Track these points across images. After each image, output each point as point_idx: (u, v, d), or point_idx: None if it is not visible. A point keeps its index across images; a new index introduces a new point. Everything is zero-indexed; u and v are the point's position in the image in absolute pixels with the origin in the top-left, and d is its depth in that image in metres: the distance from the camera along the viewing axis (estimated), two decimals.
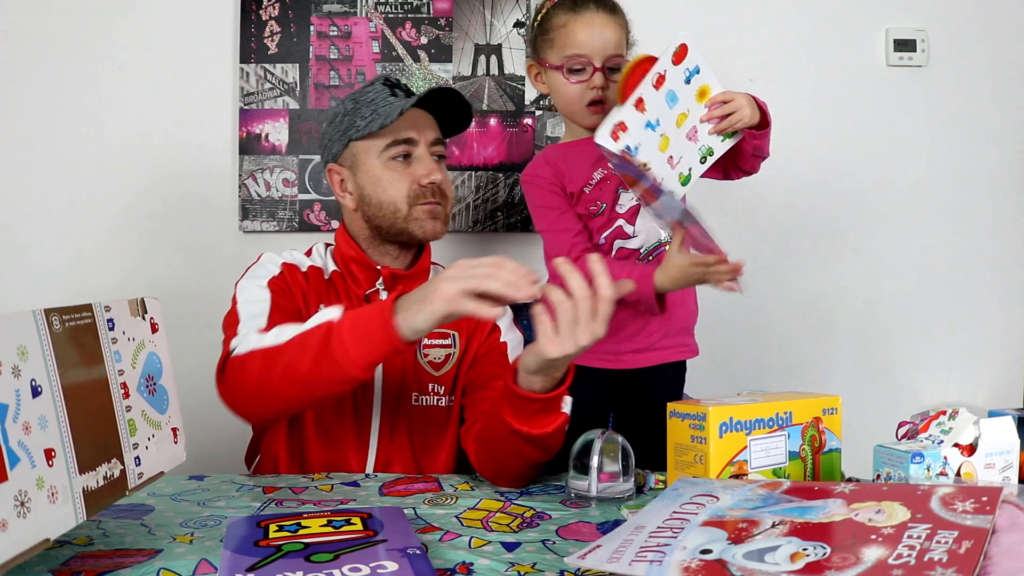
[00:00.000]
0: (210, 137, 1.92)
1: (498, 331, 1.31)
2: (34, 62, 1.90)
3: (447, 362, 1.29)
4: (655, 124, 1.25)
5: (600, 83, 1.35)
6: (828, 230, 2.03)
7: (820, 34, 2.02)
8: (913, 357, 2.06)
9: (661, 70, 1.24)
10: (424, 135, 1.29)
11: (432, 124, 1.31)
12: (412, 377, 1.28)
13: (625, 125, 1.23)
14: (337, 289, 1.30)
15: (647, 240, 1.41)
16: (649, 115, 1.25)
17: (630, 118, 1.24)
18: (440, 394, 1.28)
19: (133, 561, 0.78)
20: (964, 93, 2.04)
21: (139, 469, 0.81)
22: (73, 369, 0.72)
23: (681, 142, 1.29)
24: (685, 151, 1.29)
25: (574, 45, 1.34)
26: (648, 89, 1.24)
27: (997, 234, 2.07)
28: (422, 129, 1.29)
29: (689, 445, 0.97)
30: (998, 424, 0.90)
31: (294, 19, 1.92)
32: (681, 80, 1.26)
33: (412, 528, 0.83)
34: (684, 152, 1.30)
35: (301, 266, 1.29)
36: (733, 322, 2.00)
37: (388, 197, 1.28)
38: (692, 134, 1.29)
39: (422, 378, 1.28)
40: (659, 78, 1.24)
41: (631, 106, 1.24)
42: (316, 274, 1.30)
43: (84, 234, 1.91)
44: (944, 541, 0.64)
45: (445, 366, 1.29)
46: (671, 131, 1.28)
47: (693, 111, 1.28)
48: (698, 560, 0.67)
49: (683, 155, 1.30)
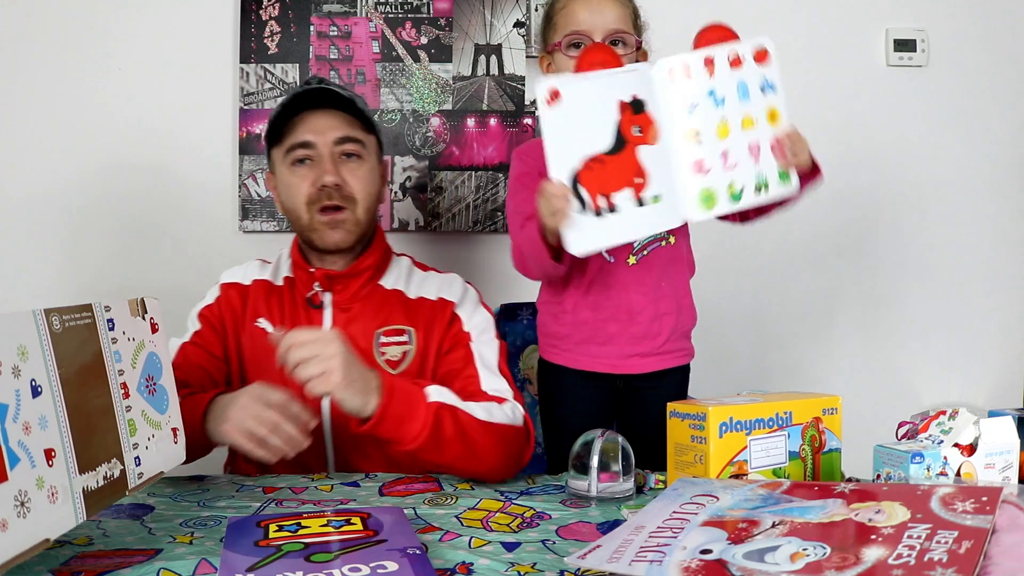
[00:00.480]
0: (210, 137, 1.92)
1: (459, 320, 1.29)
2: (34, 62, 1.90)
3: (404, 359, 1.27)
4: (720, 101, 1.14)
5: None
6: (828, 230, 2.03)
7: (820, 34, 2.02)
8: (913, 357, 2.06)
9: (740, 52, 1.14)
10: (325, 136, 1.26)
11: (339, 123, 1.27)
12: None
13: (690, 71, 1.13)
14: (283, 295, 1.31)
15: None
16: (717, 85, 1.13)
17: (697, 71, 1.13)
18: None
19: (133, 561, 0.78)
20: (964, 93, 2.04)
21: (139, 469, 0.81)
22: (73, 369, 0.72)
23: (741, 148, 1.15)
24: (742, 161, 1.15)
25: (574, 23, 1.30)
26: (723, 58, 1.14)
27: (997, 234, 2.07)
28: (322, 130, 1.26)
29: (689, 445, 0.97)
30: (998, 424, 0.90)
31: (294, 19, 1.92)
32: (757, 81, 1.15)
33: (412, 528, 0.83)
34: (741, 161, 1.15)
35: (245, 281, 1.32)
36: (733, 322, 2.00)
37: (292, 204, 1.29)
38: (755, 150, 1.16)
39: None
40: (737, 58, 1.14)
41: (700, 59, 1.13)
42: (260, 287, 1.32)
43: (84, 234, 1.91)
44: (944, 541, 0.64)
45: (403, 363, 1.27)
46: (734, 125, 1.15)
47: (761, 125, 1.16)
48: (698, 560, 0.67)
49: (739, 163, 1.15)
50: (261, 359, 1.27)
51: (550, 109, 1.09)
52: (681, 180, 1.13)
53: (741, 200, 1.15)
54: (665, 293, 1.36)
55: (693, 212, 1.14)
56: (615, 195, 1.10)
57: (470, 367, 1.24)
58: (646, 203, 1.12)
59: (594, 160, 1.10)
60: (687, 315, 1.41)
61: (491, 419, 1.11)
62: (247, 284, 1.32)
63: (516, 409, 1.18)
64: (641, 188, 1.12)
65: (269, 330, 1.27)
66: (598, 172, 1.10)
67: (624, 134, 1.12)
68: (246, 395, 1.02)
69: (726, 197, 1.14)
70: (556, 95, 1.09)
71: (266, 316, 1.29)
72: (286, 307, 1.30)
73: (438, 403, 1.06)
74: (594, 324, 1.35)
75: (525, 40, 1.94)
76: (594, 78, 1.12)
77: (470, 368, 1.24)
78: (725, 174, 1.14)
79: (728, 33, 1.16)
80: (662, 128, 1.12)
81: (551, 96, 1.08)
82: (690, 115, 1.13)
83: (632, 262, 1.35)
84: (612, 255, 1.35)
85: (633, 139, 1.12)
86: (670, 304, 1.37)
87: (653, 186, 1.12)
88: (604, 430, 1.05)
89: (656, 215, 1.13)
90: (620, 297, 1.34)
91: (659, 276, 1.36)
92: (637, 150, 1.12)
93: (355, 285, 1.30)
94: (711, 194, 1.14)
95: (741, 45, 1.15)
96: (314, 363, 0.97)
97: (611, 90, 1.11)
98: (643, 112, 1.12)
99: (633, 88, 1.12)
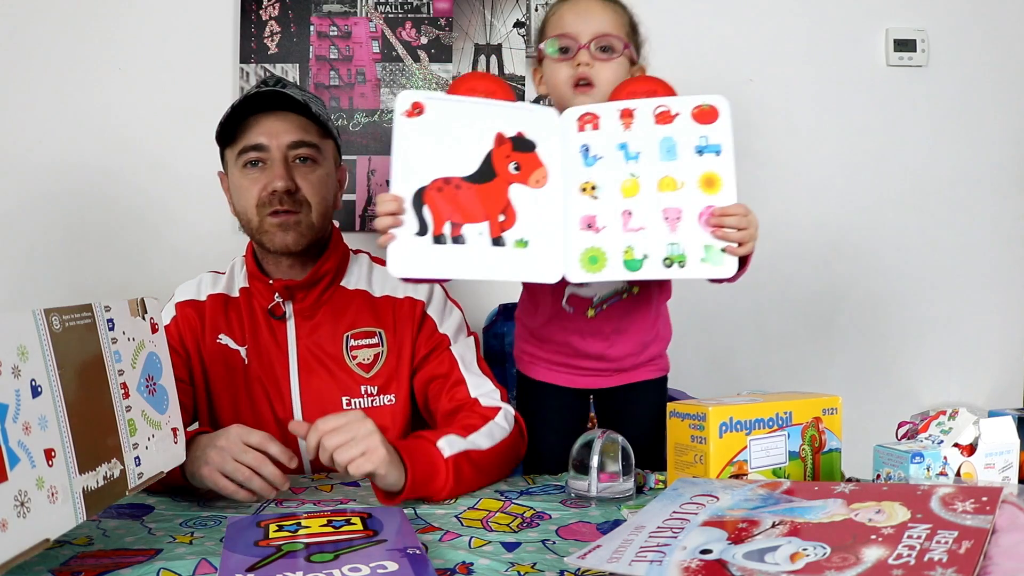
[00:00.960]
0: (210, 137, 1.91)
1: (430, 321, 1.28)
2: (35, 63, 1.90)
3: (377, 361, 1.27)
4: (633, 156, 1.04)
5: (585, 59, 1.17)
6: (828, 230, 2.03)
7: (820, 34, 2.02)
8: (913, 357, 2.06)
9: (672, 109, 1.04)
10: (278, 139, 1.22)
11: (293, 127, 1.24)
12: (340, 383, 1.25)
13: (598, 122, 1.05)
14: (241, 308, 1.28)
15: (600, 288, 1.25)
16: (631, 139, 1.04)
17: (608, 122, 1.05)
18: (373, 395, 1.26)
19: (133, 561, 0.78)
20: (964, 93, 2.04)
21: (139, 469, 0.81)
22: (73, 369, 0.72)
23: (651, 211, 1.03)
24: (651, 226, 1.03)
25: (560, 27, 1.21)
26: (646, 111, 1.05)
27: (997, 234, 2.07)
28: (276, 133, 1.23)
29: (689, 445, 0.97)
30: (998, 424, 0.90)
31: (294, 19, 1.92)
32: (691, 141, 1.04)
33: (412, 528, 0.83)
34: (649, 226, 1.03)
35: (200, 297, 1.29)
36: (733, 322, 2.00)
37: (242, 206, 1.26)
38: (672, 218, 1.03)
39: (353, 381, 1.26)
40: (664, 113, 1.04)
41: (615, 109, 1.06)
42: (216, 302, 1.29)
43: (84, 234, 1.91)
44: (944, 541, 0.64)
45: (375, 366, 1.26)
46: (647, 185, 1.04)
47: (688, 190, 1.03)
48: (698, 560, 0.67)
49: (646, 228, 1.03)
50: (225, 376, 1.25)
51: (407, 121, 1.02)
52: (568, 234, 1.05)
53: (641, 269, 1.03)
54: (625, 338, 1.28)
55: (573, 271, 1.05)
56: (466, 226, 1.02)
57: (455, 372, 1.24)
58: (506, 244, 1.03)
59: (448, 182, 1.02)
60: (654, 344, 1.32)
61: (495, 442, 1.12)
62: (202, 300, 1.29)
63: (508, 414, 1.19)
64: (504, 227, 1.03)
65: (232, 347, 1.26)
66: (451, 197, 1.02)
67: (496, 167, 1.04)
68: (225, 437, 1.00)
69: (618, 262, 1.03)
70: (418, 108, 1.02)
71: (226, 332, 1.27)
72: (245, 320, 1.27)
73: (454, 456, 1.04)
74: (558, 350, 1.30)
75: (525, 40, 1.94)
76: (469, 103, 1.06)
77: (455, 374, 1.24)
78: (623, 236, 1.04)
79: (658, 87, 1.08)
80: (551, 175, 1.05)
81: (412, 108, 1.02)
82: (588, 167, 1.05)
83: (591, 315, 1.26)
84: (571, 306, 1.26)
85: (507, 175, 1.04)
86: (630, 346, 1.29)
87: (520, 229, 1.03)
88: (604, 430, 1.05)
89: (518, 261, 1.04)
90: (577, 343, 1.27)
91: (618, 324, 1.27)
92: (510, 187, 1.04)
93: (316, 292, 1.27)
94: (599, 255, 1.04)
95: (676, 99, 1.06)
96: (353, 445, 0.95)
97: (489, 119, 1.05)
98: (530, 152, 1.05)
99: (522, 125, 1.05)
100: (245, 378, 1.25)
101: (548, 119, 1.08)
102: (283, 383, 1.25)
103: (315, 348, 1.26)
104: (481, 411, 1.18)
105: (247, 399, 1.25)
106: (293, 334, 1.26)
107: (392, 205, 1.01)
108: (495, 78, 1.12)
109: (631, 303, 1.26)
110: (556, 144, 1.06)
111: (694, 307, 1.83)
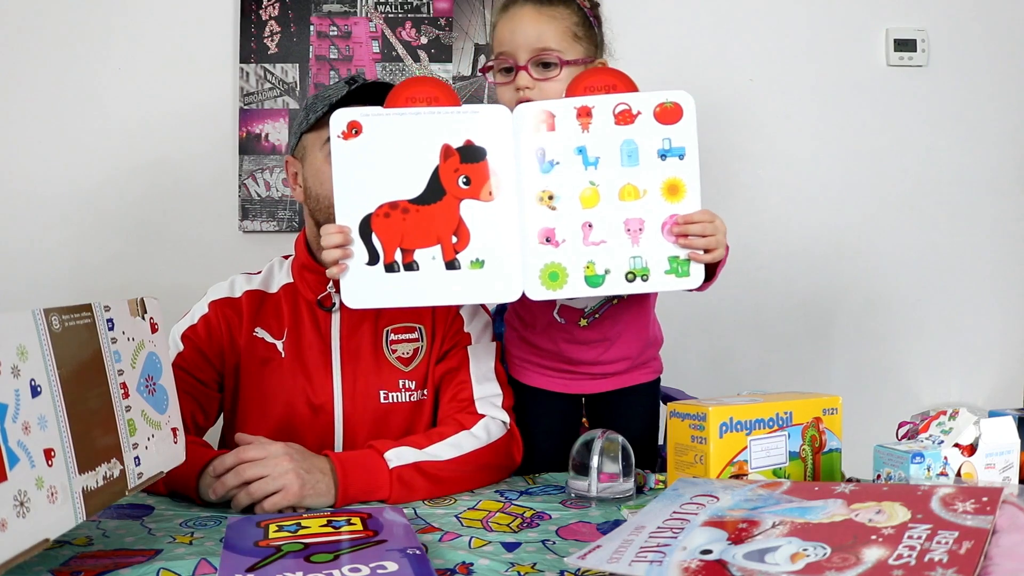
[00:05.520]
0: (210, 137, 1.92)
1: (460, 320, 1.29)
2: (34, 62, 1.90)
3: (416, 356, 1.27)
4: (592, 162, 0.98)
5: (525, 83, 1.10)
6: (828, 230, 2.03)
7: (820, 34, 2.02)
8: (913, 357, 2.06)
9: (633, 107, 0.98)
10: None
11: None
12: (380, 376, 1.25)
13: (554, 122, 0.98)
14: (281, 303, 1.28)
15: (589, 300, 1.23)
16: (590, 142, 0.98)
17: (565, 122, 0.98)
18: (412, 389, 1.26)
19: (133, 561, 0.78)
20: (964, 93, 2.04)
21: (139, 469, 0.81)
22: (73, 369, 0.72)
23: (613, 223, 0.99)
24: (612, 239, 0.99)
25: (499, 44, 1.14)
26: (605, 109, 0.98)
27: (997, 234, 2.07)
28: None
29: (689, 445, 0.96)
30: (998, 424, 0.90)
31: (294, 19, 1.92)
32: (653, 144, 0.98)
33: (412, 528, 0.83)
34: (611, 239, 0.99)
35: (235, 294, 1.29)
36: (733, 322, 2.00)
37: (324, 191, 1.22)
38: (635, 229, 0.99)
39: (392, 375, 1.26)
40: (625, 112, 0.98)
41: (571, 108, 0.99)
42: (252, 298, 1.28)
43: (84, 234, 1.91)
44: (944, 541, 0.64)
45: (414, 360, 1.27)
46: (608, 194, 0.99)
47: (651, 198, 0.98)
48: (698, 560, 0.67)
49: (608, 241, 0.99)
50: (258, 369, 1.25)
51: (345, 144, 0.98)
52: (526, 249, 1.00)
53: (603, 285, 0.99)
54: (619, 343, 1.26)
55: (533, 289, 1.01)
56: (417, 252, 0.98)
57: (463, 372, 1.24)
58: (461, 267, 0.99)
59: (395, 207, 0.98)
60: (650, 347, 1.31)
61: (461, 452, 1.11)
62: (237, 296, 1.28)
63: (491, 424, 1.17)
64: (458, 249, 0.99)
65: (269, 340, 1.25)
66: (398, 222, 0.98)
67: (444, 183, 0.99)
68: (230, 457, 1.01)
69: (579, 278, 0.99)
70: (355, 127, 0.97)
71: (262, 326, 1.27)
72: (284, 315, 1.27)
73: (400, 468, 1.05)
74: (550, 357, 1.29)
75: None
76: (410, 115, 0.99)
77: (463, 374, 1.24)
78: (584, 250, 0.99)
79: (618, 80, 1.00)
80: (506, 184, 0.99)
81: (348, 128, 0.97)
82: (544, 173, 0.99)
83: (583, 324, 1.24)
84: (563, 317, 1.24)
85: (456, 191, 0.99)
86: (625, 350, 1.27)
87: (474, 249, 0.99)
88: (604, 430, 1.05)
89: (475, 283, 1.00)
90: (571, 351, 1.26)
91: (611, 330, 1.25)
92: (461, 204, 0.99)
93: None
94: (559, 271, 1.00)
95: (637, 96, 0.99)
96: (268, 482, 0.97)
97: (433, 131, 0.98)
98: (480, 162, 0.99)
99: (471, 131, 0.99)
100: (280, 371, 1.26)
101: (499, 119, 1.01)
102: (324, 374, 1.25)
103: (359, 340, 1.26)
104: (462, 418, 1.18)
105: (280, 391, 1.25)
106: (338, 326, 1.26)
107: (337, 238, 1.00)
108: (437, 81, 1.03)
109: (623, 307, 1.24)
110: (509, 147, 1.01)
111: (694, 307, 1.83)
